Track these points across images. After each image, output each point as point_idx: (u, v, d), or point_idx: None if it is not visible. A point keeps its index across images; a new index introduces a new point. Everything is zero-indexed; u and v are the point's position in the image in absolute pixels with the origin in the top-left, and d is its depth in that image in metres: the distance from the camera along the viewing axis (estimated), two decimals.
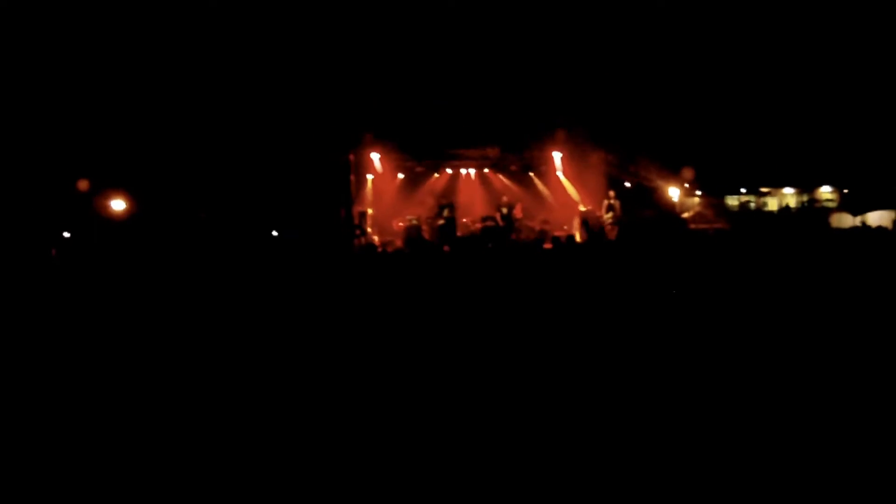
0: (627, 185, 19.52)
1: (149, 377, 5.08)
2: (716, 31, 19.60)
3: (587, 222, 18.16)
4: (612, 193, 17.85)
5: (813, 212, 23.44)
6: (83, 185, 18.62)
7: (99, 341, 6.17)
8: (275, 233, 18.91)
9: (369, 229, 19.10)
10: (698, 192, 20.90)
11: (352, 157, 19.33)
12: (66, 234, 17.71)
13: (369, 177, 20.20)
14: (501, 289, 8.73)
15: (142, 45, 18.84)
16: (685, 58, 19.70)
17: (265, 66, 19.41)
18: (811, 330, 6.00)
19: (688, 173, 19.57)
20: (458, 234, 18.45)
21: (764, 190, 25.05)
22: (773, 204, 24.93)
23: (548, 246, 14.84)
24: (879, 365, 4.93)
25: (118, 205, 18.41)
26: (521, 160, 20.21)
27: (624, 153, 19.13)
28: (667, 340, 5.83)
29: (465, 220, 19.40)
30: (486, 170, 20.69)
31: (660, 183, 19.47)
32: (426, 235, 18.51)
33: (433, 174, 20.73)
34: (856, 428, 3.81)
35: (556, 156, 19.50)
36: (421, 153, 19.91)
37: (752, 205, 25.01)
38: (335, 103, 18.96)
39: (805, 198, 25.11)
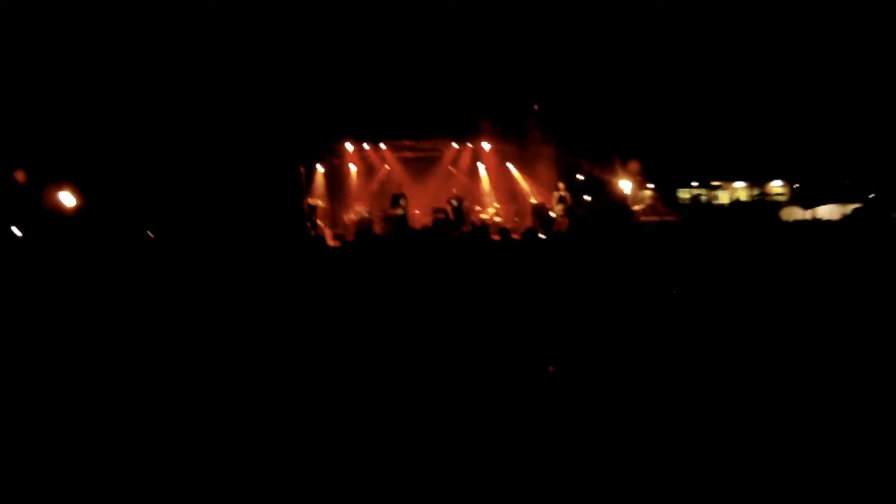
0: (579, 177, 19.47)
1: (109, 371, 4.90)
2: (670, 24, 19.62)
3: (538, 215, 18.09)
4: (562, 185, 17.75)
5: (764, 205, 23.63)
6: (22, 176, 18.10)
7: (56, 336, 5.90)
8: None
9: (319, 222, 18.80)
10: (650, 185, 20.93)
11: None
12: (15, 230, 17.12)
13: (319, 168, 19.89)
14: (458, 283, 8.57)
15: (95, 38, 18.36)
16: (638, 51, 19.70)
17: (217, 59, 19.01)
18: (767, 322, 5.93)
19: (638, 166, 19.58)
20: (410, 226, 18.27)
21: (715, 183, 25.25)
22: (724, 197, 25.13)
23: (496, 238, 14.66)
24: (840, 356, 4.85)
25: (68, 199, 17.93)
26: (471, 152, 20.06)
27: (575, 146, 19.08)
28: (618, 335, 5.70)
29: (416, 211, 19.20)
30: (436, 161, 20.51)
31: (611, 175, 19.44)
32: (377, 229, 18.27)
33: (384, 166, 20.46)
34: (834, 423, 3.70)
35: (506, 148, 19.40)
36: (374, 142, 19.72)
37: (704, 198, 25.18)
38: (286, 95, 18.66)
39: (756, 191, 25.35)
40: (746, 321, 6.01)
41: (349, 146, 19.69)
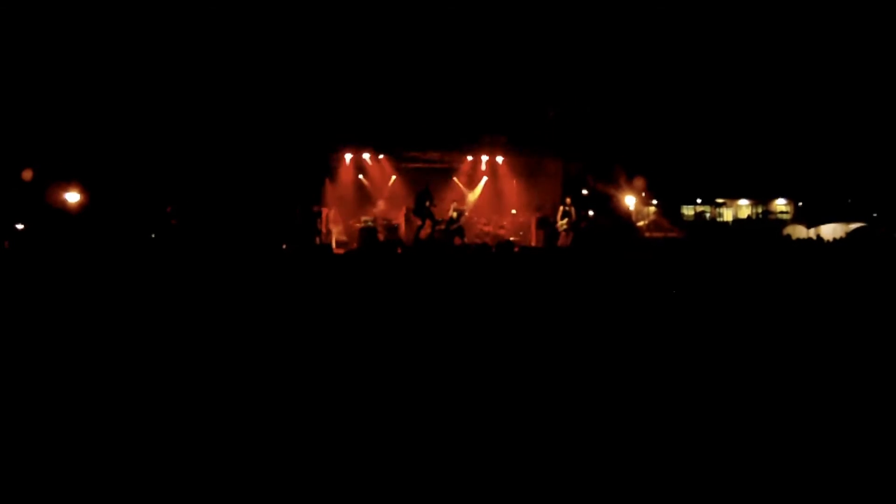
0: (584, 192, 19.54)
1: (104, 370, 4.90)
2: (674, 43, 19.76)
3: (543, 228, 18.15)
4: (568, 200, 17.77)
5: (767, 223, 23.71)
6: (29, 175, 18.26)
7: (52, 334, 5.94)
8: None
9: (325, 230, 18.86)
10: (654, 201, 21.03)
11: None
12: (20, 227, 17.27)
13: (327, 177, 19.98)
14: (455, 293, 8.64)
15: (104, 35, 18.54)
16: (644, 69, 19.83)
17: (229, 64, 19.19)
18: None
19: (644, 182, 19.67)
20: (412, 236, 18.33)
21: (719, 200, 25.32)
22: (728, 214, 25.19)
23: (494, 250, 14.75)
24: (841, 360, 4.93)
25: (73, 197, 18.12)
26: (476, 164, 20.11)
27: (581, 161, 19.15)
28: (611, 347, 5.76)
29: (418, 222, 19.22)
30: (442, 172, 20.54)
31: (616, 191, 19.53)
32: (380, 237, 18.34)
33: (391, 176, 20.53)
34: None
35: (512, 162, 19.44)
36: (380, 153, 19.79)
37: (708, 215, 25.24)
38: (298, 103, 18.81)
39: (760, 209, 25.43)
40: (743, 333, 6.09)
41: (365, 155, 19.72)
